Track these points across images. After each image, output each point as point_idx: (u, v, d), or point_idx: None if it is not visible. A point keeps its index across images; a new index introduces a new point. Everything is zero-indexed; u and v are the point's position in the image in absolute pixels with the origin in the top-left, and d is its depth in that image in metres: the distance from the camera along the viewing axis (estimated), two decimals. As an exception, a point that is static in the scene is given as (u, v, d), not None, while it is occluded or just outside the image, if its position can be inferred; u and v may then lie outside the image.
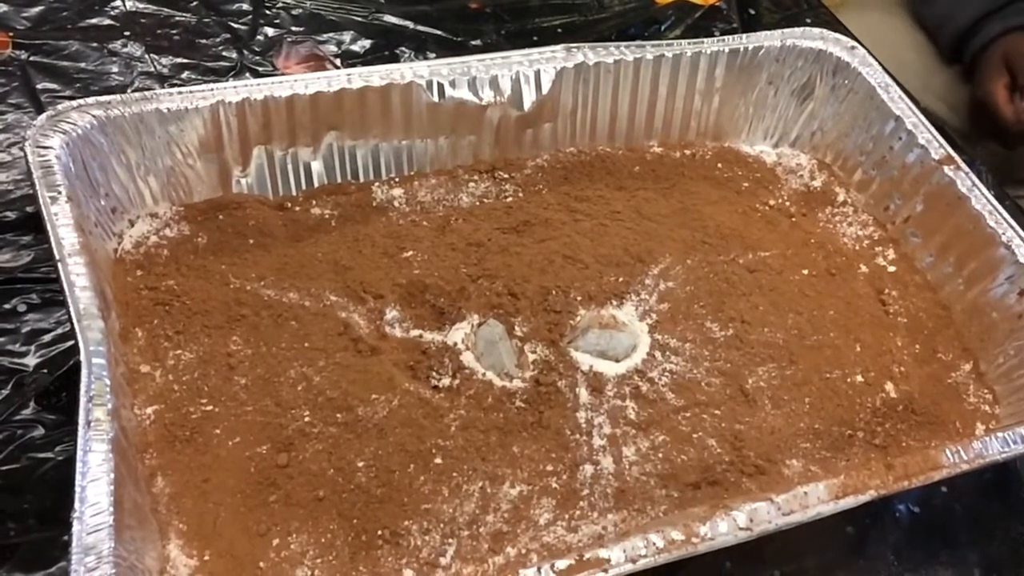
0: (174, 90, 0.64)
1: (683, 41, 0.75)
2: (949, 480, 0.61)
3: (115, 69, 0.78)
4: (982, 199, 0.67)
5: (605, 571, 0.46)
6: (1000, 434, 0.55)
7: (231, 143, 0.66)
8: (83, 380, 0.47)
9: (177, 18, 0.83)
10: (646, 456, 0.57)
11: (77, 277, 0.51)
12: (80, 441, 0.45)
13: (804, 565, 0.58)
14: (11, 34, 0.78)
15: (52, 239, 0.53)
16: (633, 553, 0.47)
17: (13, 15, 0.79)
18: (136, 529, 0.46)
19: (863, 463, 0.57)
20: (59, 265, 0.52)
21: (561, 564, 0.46)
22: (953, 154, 0.70)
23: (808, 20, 0.97)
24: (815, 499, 0.50)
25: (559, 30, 0.92)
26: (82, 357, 0.48)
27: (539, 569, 0.45)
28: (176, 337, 0.58)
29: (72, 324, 0.49)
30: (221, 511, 0.52)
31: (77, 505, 0.43)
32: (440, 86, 0.69)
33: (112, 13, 0.82)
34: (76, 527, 0.42)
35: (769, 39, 0.77)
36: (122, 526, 0.44)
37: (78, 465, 0.44)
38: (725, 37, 0.77)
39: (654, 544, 0.47)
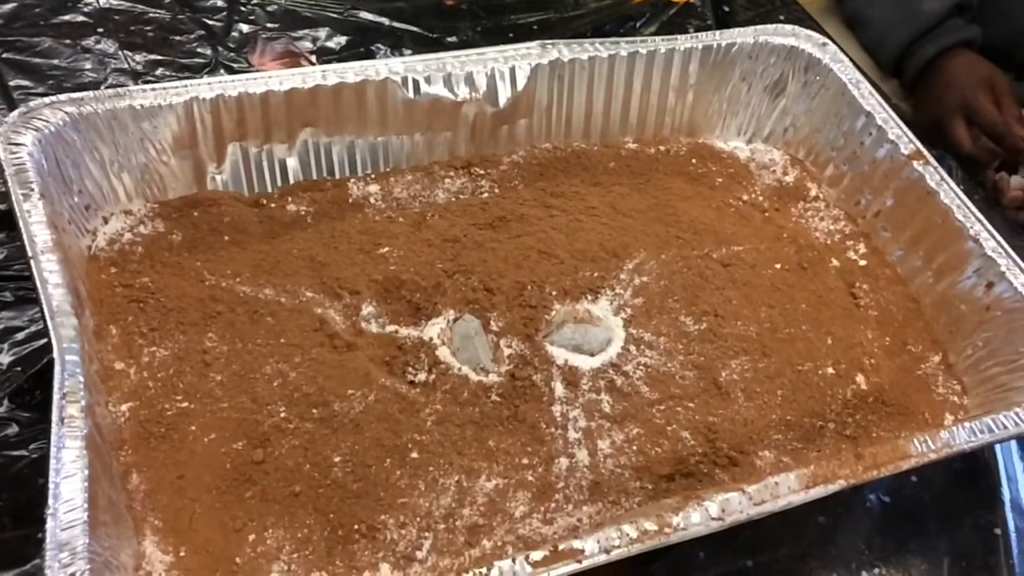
0: (147, 87, 0.64)
1: (657, 38, 0.76)
2: (919, 470, 0.62)
3: (88, 66, 0.78)
4: (951, 193, 0.69)
5: (579, 562, 0.46)
6: (967, 424, 0.56)
7: (205, 140, 0.66)
8: (56, 377, 0.47)
9: (151, 15, 0.83)
10: (621, 449, 0.58)
11: (50, 274, 0.52)
12: (54, 438, 0.45)
13: (777, 554, 0.59)
14: (-17, 31, 0.78)
15: (25, 236, 0.53)
16: (607, 544, 0.47)
17: (-15, 12, 0.79)
18: (111, 526, 0.46)
19: (834, 453, 0.58)
20: (32, 262, 0.52)
21: (536, 555, 0.46)
22: (922, 149, 0.71)
23: (781, 17, 0.98)
24: (786, 489, 0.51)
25: (535, 27, 0.92)
26: (55, 354, 0.48)
27: (514, 560, 0.46)
28: (151, 334, 0.58)
29: (45, 321, 0.49)
30: (197, 507, 0.52)
31: (51, 502, 0.43)
32: (415, 82, 0.70)
33: (85, 10, 0.81)
34: (50, 524, 0.43)
35: (742, 36, 0.77)
36: (97, 522, 0.44)
37: (52, 462, 0.44)
38: (699, 34, 0.77)
39: (627, 535, 0.48)
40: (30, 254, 0.52)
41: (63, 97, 0.61)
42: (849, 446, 0.60)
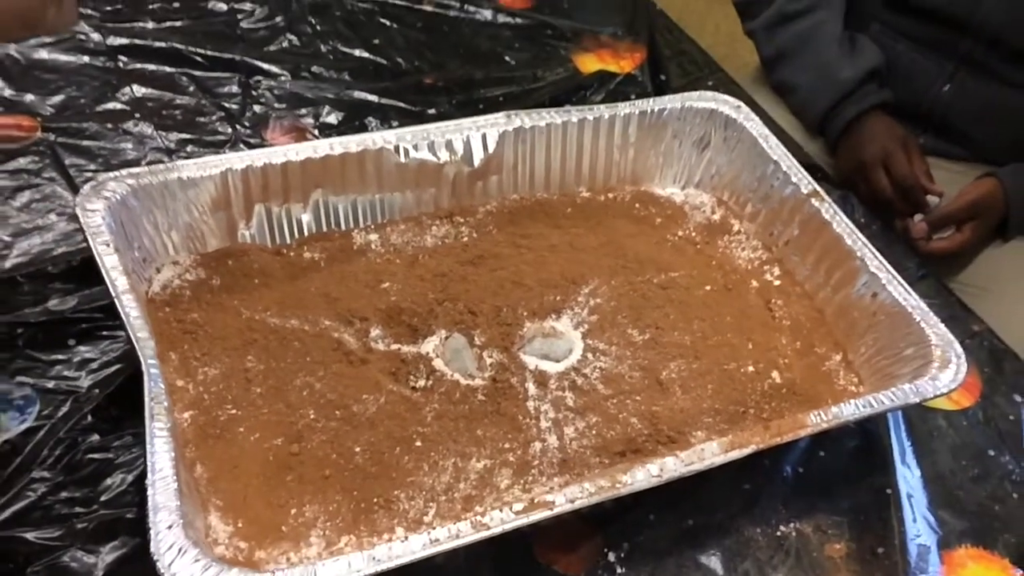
0: (191, 161, 0.76)
1: (602, 106, 0.90)
2: (827, 446, 0.76)
3: (129, 145, 0.90)
4: (842, 224, 0.83)
5: (551, 509, 0.59)
6: (852, 401, 0.70)
7: (237, 202, 0.79)
8: (146, 385, 0.60)
9: (178, 101, 0.96)
10: (583, 433, 0.71)
11: (131, 309, 0.65)
12: (148, 429, 0.58)
13: (712, 516, 0.71)
14: (39, 119, 0.90)
15: (108, 281, 0.66)
16: (572, 496, 0.60)
17: (39, 103, 0.92)
18: (188, 498, 0.59)
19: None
20: (116, 301, 0.65)
21: (517, 507, 0.59)
22: (818, 189, 0.86)
23: (710, 83, 1.12)
24: (709, 453, 0.64)
25: (500, 99, 1.05)
26: (144, 368, 0.61)
27: (501, 509, 0.59)
28: (203, 358, 0.71)
29: (133, 343, 0.62)
30: (249, 490, 0.64)
31: (150, 475, 0.56)
32: (405, 149, 0.83)
33: (123, 99, 0.95)
34: (150, 491, 0.55)
35: (672, 102, 0.92)
36: (181, 493, 0.57)
37: (148, 447, 0.57)
38: (636, 101, 0.91)
39: (587, 489, 0.61)
40: (114, 295, 0.65)
41: (124, 172, 0.73)
42: (765, 425, 0.73)
